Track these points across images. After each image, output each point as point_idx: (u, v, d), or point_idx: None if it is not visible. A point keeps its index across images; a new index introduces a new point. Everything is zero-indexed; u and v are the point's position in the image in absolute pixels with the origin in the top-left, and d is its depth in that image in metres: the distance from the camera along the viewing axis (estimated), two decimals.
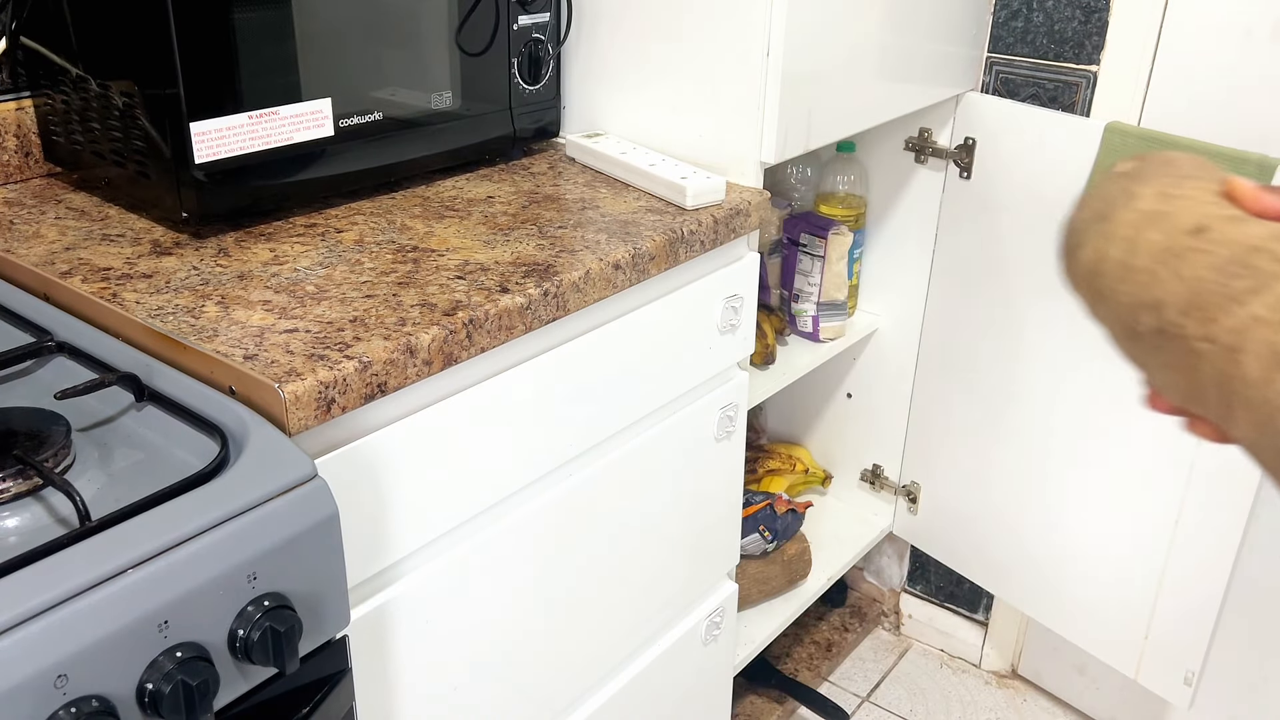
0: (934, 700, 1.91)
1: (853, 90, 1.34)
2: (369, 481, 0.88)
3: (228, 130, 1.00)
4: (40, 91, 1.13)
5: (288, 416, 0.78)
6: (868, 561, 2.05)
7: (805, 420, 1.96)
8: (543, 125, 1.32)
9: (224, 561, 0.66)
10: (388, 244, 1.04)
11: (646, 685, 1.33)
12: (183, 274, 0.96)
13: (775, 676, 1.87)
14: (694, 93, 1.25)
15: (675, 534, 1.29)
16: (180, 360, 0.84)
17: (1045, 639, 1.87)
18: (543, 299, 0.97)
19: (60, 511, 0.68)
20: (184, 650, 0.64)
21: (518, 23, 1.24)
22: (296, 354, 0.83)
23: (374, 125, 1.13)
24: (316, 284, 0.95)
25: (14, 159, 1.15)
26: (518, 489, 1.04)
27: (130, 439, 0.77)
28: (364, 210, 1.13)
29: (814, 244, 1.61)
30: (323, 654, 0.75)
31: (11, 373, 0.84)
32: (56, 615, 0.59)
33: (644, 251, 1.07)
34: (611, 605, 1.22)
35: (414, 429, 0.91)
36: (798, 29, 1.18)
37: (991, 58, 1.61)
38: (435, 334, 0.88)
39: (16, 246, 1.00)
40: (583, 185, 1.24)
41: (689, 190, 1.16)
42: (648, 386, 1.17)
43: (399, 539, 0.93)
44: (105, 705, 0.60)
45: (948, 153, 1.62)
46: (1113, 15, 1.49)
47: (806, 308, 1.65)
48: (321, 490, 0.72)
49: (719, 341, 1.25)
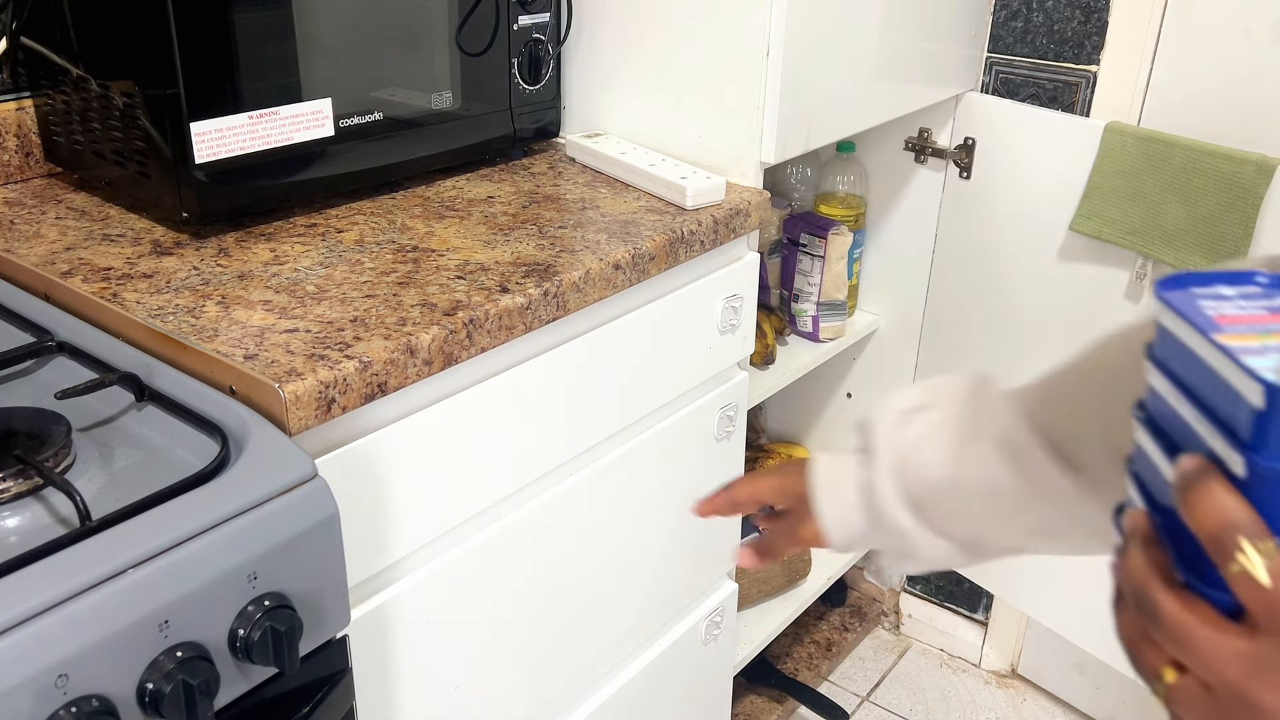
0: (934, 700, 1.91)
1: (853, 90, 1.34)
2: (369, 481, 0.88)
3: (228, 130, 1.00)
4: (41, 91, 1.13)
5: (288, 416, 0.78)
6: (867, 561, 2.05)
7: (805, 420, 1.96)
8: (543, 125, 1.32)
9: (224, 561, 0.66)
10: (388, 244, 1.04)
11: (647, 684, 1.33)
12: (183, 274, 0.96)
13: (775, 676, 1.87)
14: (694, 93, 1.25)
15: (675, 533, 1.29)
16: (180, 360, 0.84)
17: (1045, 639, 1.87)
18: (543, 299, 0.97)
19: (60, 511, 0.68)
20: (184, 650, 0.64)
21: (518, 23, 1.24)
22: (297, 354, 0.83)
23: (374, 125, 1.13)
24: (317, 284, 0.95)
25: (14, 159, 1.15)
26: (518, 488, 1.04)
27: (130, 439, 0.77)
28: (364, 210, 1.13)
29: (814, 244, 1.61)
30: (323, 654, 0.75)
31: (12, 372, 0.84)
32: (57, 615, 0.59)
33: (644, 251, 1.07)
34: (611, 604, 1.22)
35: (414, 429, 0.91)
36: (798, 29, 1.18)
37: (991, 58, 1.61)
38: (435, 334, 0.88)
39: (17, 246, 1.00)
40: (583, 185, 1.24)
41: (689, 190, 1.16)
42: (648, 386, 1.17)
43: (399, 539, 0.93)
44: (105, 705, 0.61)
45: (948, 153, 1.63)
46: (1112, 15, 1.49)
47: (806, 308, 1.65)
48: (321, 490, 0.72)
49: (719, 341, 1.25)
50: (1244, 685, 0.38)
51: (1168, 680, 0.40)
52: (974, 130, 1.59)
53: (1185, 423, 0.39)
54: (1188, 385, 0.39)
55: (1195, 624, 0.39)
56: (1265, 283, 0.40)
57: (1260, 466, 0.36)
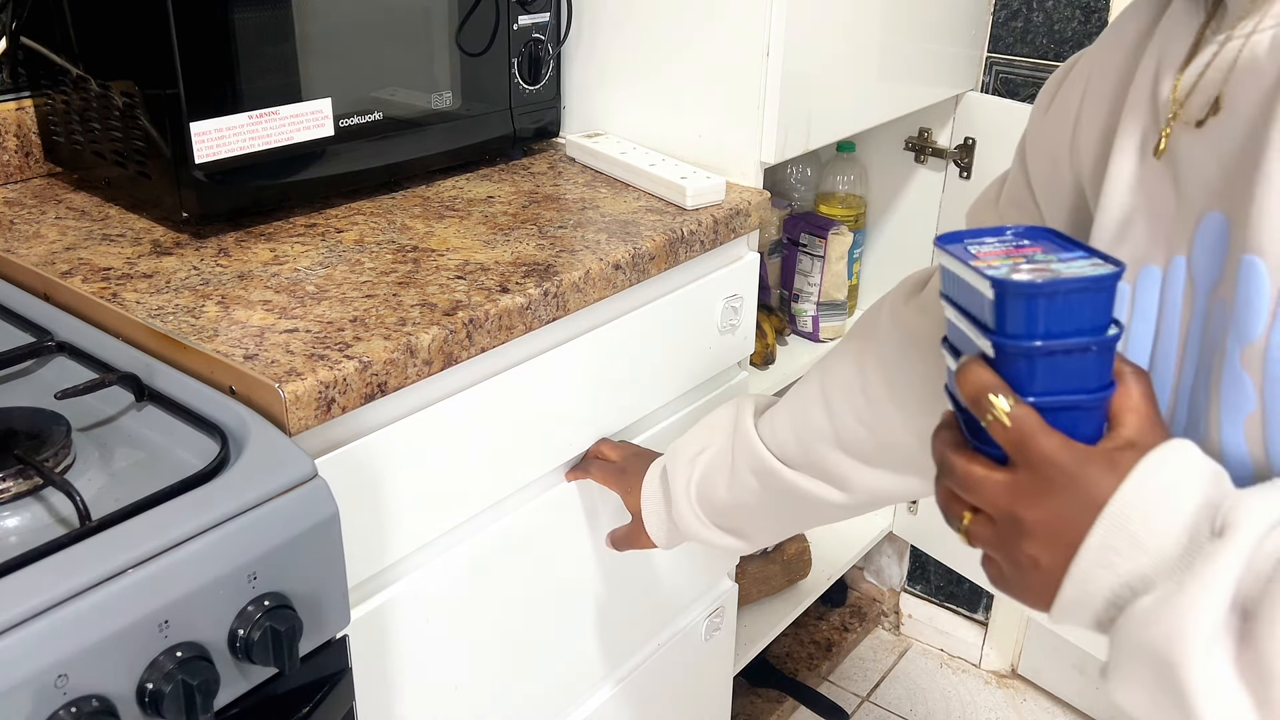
0: (934, 700, 1.91)
1: (853, 90, 1.34)
2: (369, 481, 0.88)
3: (228, 130, 1.00)
4: (40, 91, 1.13)
5: (288, 416, 0.78)
6: (867, 561, 2.05)
7: None
8: (543, 125, 1.32)
9: (224, 561, 0.66)
10: (388, 244, 1.04)
11: (647, 683, 1.33)
12: (183, 274, 0.96)
13: (775, 676, 1.87)
14: (694, 93, 1.25)
15: None
16: (180, 360, 0.84)
17: (1045, 639, 1.88)
18: (543, 299, 0.97)
19: (60, 511, 0.68)
20: (184, 650, 0.64)
21: (518, 23, 1.24)
22: (297, 354, 0.83)
23: (374, 125, 1.13)
24: (317, 284, 0.95)
25: (14, 159, 1.15)
26: (518, 488, 1.04)
27: (130, 439, 0.77)
28: (364, 210, 1.13)
29: (814, 244, 1.61)
30: (323, 654, 0.75)
31: (11, 372, 0.84)
32: (56, 615, 0.59)
33: (644, 251, 1.07)
34: (612, 604, 1.22)
35: (414, 429, 0.91)
36: (798, 29, 1.18)
37: (991, 58, 1.61)
38: (435, 334, 0.88)
39: (17, 246, 1.00)
40: (583, 185, 1.24)
41: (689, 190, 1.16)
42: (648, 386, 1.17)
43: (399, 539, 0.93)
44: (105, 705, 0.61)
45: (948, 153, 1.63)
46: (1112, 15, 1.49)
47: (806, 308, 1.65)
48: (321, 490, 0.72)
49: (719, 341, 1.25)
50: (1011, 508, 0.51)
51: (965, 523, 0.54)
52: (974, 130, 1.59)
53: (964, 334, 0.53)
54: (962, 306, 0.53)
55: (975, 469, 0.52)
56: (1013, 233, 0.55)
57: (999, 343, 0.50)
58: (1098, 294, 0.49)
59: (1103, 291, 0.49)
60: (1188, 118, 0.53)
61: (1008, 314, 0.49)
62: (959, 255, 0.52)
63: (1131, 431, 0.50)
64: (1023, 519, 0.50)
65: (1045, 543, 0.50)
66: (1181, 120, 0.54)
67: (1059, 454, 0.49)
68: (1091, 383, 0.50)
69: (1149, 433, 0.50)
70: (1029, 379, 0.50)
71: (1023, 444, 0.50)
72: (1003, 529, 0.52)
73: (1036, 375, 0.50)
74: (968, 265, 0.51)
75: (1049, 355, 0.49)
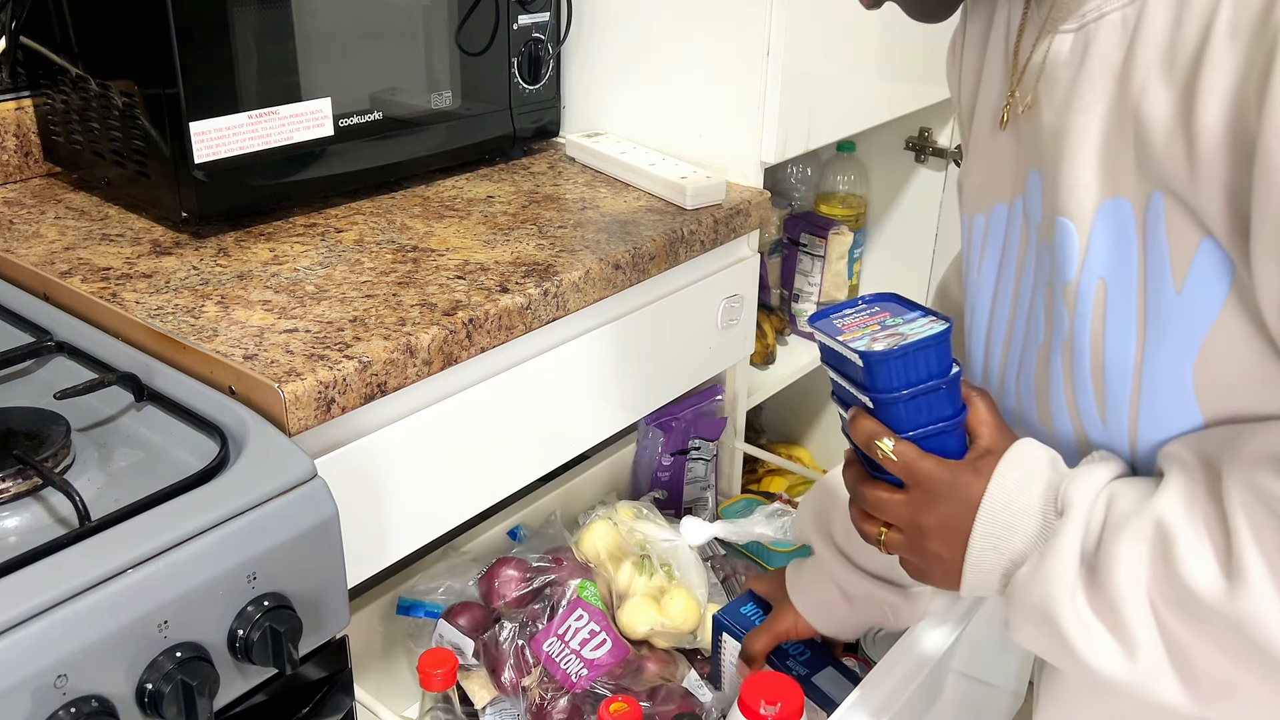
0: None
1: (853, 90, 1.34)
2: (369, 481, 0.88)
3: (227, 130, 1.00)
4: (40, 91, 1.13)
5: (288, 416, 0.78)
6: None
7: (805, 420, 1.95)
8: (543, 125, 1.32)
9: (224, 561, 0.66)
10: (388, 244, 1.04)
11: None
12: (182, 274, 0.96)
13: None
14: (694, 92, 1.25)
15: None
16: (180, 360, 0.84)
17: None
18: (543, 299, 0.97)
19: (60, 511, 0.68)
20: (184, 650, 0.64)
21: (518, 22, 1.24)
22: (296, 354, 0.83)
23: (374, 125, 1.13)
24: (316, 284, 0.95)
25: (14, 159, 1.15)
26: (519, 488, 1.04)
27: (130, 439, 0.77)
28: (364, 210, 1.13)
29: (814, 244, 1.61)
30: (323, 654, 0.75)
31: (11, 372, 0.84)
32: (56, 615, 0.59)
33: (644, 251, 1.07)
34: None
35: (414, 429, 0.91)
36: (798, 29, 1.18)
37: None
38: (435, 334, 0.88)
39: (16, 246, 1.00)
40: (583, 185, 1.23)
41: (689, 190, 1.16)
42: (648, 386, 1.17)
43: (399, 539, 0.93)
44: (105, 705, 0.60)
45: (948, 153, 1.62)
46: None
47: (806, 307, 1.65)
48: (321, 490, 0.72)
49: (719, 341, 1.25)
50: (912, 519, 0.65)
51: (883, 538, 0.67)
52: None
53: (848, 391, 0.66)
54: (842, 370, 0.66)
55: (879, 495, 0.66)
56: (864, 301, 0.68)
57: (874, 398, 0.63)
58: (939, 347, 0.62)
59: (942, 344, 0.62)
60: (1017, 103, 0.68)
61: (876, 376, 0.62)
62: (828, 331, 0.65)
63: (987, 441, 0.64)
64: (922, 525, 0.65)
65: (943, 540, 0.64)
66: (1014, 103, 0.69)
67: (936, 471, 0.63)
68: (949, 411, 0.64)
69: (999, 439, 0.64)
70: (902, 420, 0.64)
71: (908, 470, 0.64)
72: (909, 536, 0.66)
73: (907, 416, 0.63)
74: (838, 340, 0.64)
75: (913, 399, 0.63)
